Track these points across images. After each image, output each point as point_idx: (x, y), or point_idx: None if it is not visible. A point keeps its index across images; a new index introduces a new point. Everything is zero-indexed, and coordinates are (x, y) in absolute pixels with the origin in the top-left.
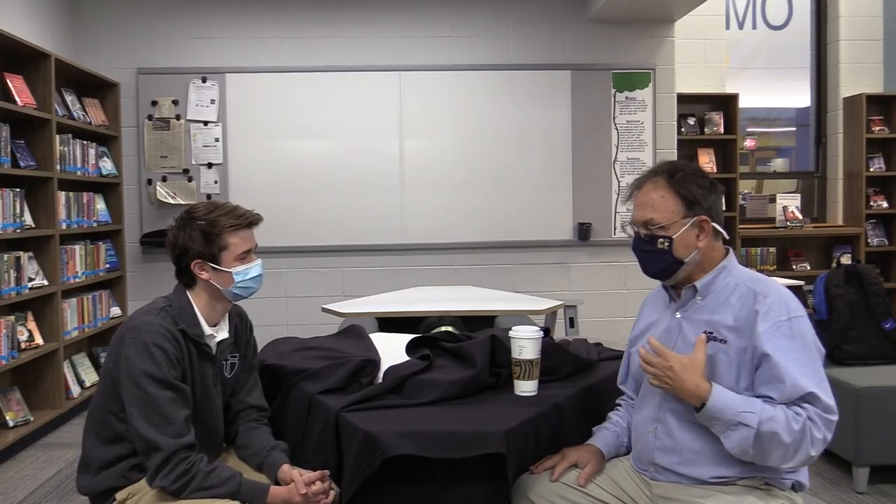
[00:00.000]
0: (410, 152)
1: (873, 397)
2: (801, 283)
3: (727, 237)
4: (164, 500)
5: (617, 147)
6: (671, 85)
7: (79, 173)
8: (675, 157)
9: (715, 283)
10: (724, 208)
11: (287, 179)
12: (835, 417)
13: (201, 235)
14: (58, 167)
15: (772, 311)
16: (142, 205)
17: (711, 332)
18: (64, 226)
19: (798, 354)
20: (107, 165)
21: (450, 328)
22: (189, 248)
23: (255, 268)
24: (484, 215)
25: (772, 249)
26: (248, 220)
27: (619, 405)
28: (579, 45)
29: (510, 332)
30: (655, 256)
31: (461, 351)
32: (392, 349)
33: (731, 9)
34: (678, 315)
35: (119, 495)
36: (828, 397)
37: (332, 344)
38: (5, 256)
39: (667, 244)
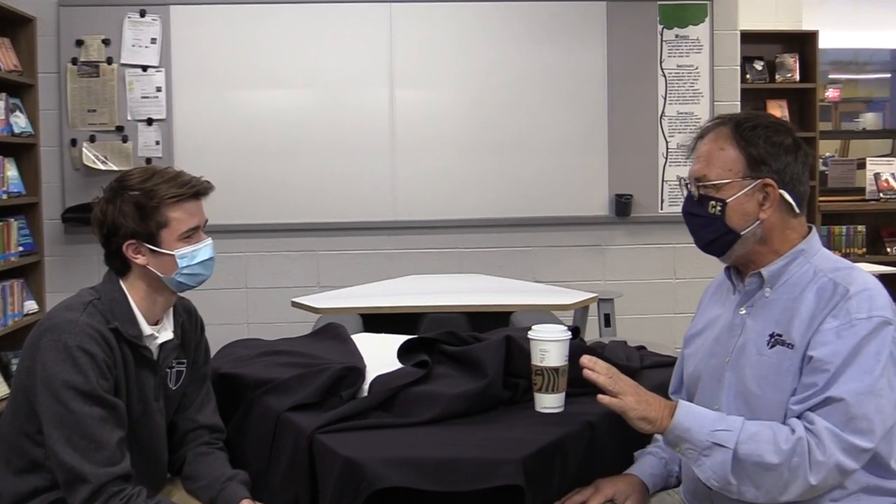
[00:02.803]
0: (403, 105)
1: None
2: None
3: (798, 211)
4: None
5: (665, 98)
6: (733, 20)
7: None
8: (737, 111)
9: (787, 271)
10: (807, 177)
11: (247, 140)
12: (864, 443)
13: (135, 209)
14: None
15: (849, 307)
16: (64, 171)
17: (780, 335)
18: None
19: (856, 357)
20: (19, 122)
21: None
22: (120, 226)
23: (203, 249)
24: (496, 185)
25: (860, 228)
26: (195, 190)
27: None
28: None
29: (530, 332)
30: (705, 223)
31: (468, 356)
32: (380, 354)
33: None
34: (742, 311)
35: None
36: (864, 416)
37: (304, 347)
38: None
39: (719, 208)
